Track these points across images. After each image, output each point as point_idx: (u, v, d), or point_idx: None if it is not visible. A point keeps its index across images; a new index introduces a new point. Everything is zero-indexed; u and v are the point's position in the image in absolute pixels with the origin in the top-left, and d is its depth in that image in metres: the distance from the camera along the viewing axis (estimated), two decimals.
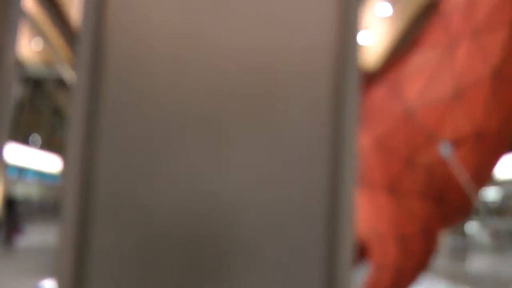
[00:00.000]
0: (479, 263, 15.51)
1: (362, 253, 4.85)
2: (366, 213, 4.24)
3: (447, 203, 4.31)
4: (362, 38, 1.64)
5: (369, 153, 4.21)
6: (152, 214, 1.13)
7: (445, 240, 16.49)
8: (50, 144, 35.62)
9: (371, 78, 4.65)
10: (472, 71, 4.20)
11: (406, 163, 4.16)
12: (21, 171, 31.65)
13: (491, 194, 32.88)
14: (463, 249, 16.12)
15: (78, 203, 1.15)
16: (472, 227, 29.06)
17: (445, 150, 4.09)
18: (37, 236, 16.15)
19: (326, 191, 1.14)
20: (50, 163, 32.11)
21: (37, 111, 46.47)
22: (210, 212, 1.12)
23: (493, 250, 21.29)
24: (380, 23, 35.04)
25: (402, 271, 4.14)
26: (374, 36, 35.83)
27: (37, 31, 35.82)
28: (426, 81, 4.29)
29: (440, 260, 16.10)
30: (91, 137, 1.19)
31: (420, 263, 4.16)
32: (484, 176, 4.51)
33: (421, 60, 4.42)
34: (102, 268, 1.11)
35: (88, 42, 1.25)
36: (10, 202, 15.62)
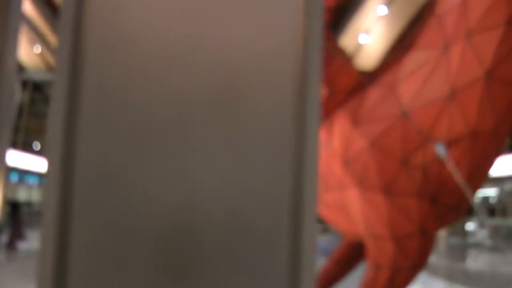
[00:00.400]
0: (478, 262, 15.51)
1: (360, 253, 4.88)
2: (363, 213, 4.25)
3: (443, 203, 4.31)
4: (322, 43, 1.60)
5: (365, 154, 4.22)
6: (128, 214, 1.17)
7: (444, 239, 16.48)
8: None
9: (368, 79, 4.67)
10: (466, 72, 4.21)
11: (401, 163, 4.17)
12: (22, 176, 31.58)
13: (490, 193, 32.89)
14: (462, 248, 16.10)
15: (59, 203, 1.20)
16: (471, 226, 29.08)
17: (440, 150, 4.11)
18: (38, 241, 16.10)
19: (290, 190, 1.19)
20: None
21: (37, 115, 46.42)
22: (182, 210, 1.16)
23: (493, 249, 21.30)
24: (376, 23, 34.84)
25: (399, 270, 4.15)
26: (371, 36, 35.64)
27: (37, 35, 35.71)
28: (421, 82, 4.30)
29: (439, 259, 16.14)
30: (70, 139, 1.23)
31: (416, 262, 4.17)
32: (479, 176, 4.52)
33: (417, 61, 4.43)
34: (82, 265, 1.15)
35: (67, 49, 1.30)
36: (14, 205, 15.61)
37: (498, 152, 4.58)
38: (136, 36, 1.31)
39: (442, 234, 16.22)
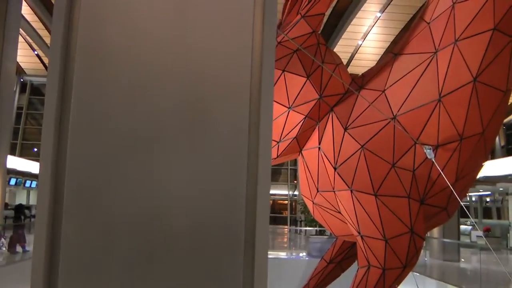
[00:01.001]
0: (472, 262, 15.58)
1: (352, 253, 4.96)
2: (354, 214, 4.33)
3: (432, 204, 4.40)
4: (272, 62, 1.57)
5: (356, 156, 4.31)
6: (110, 212, 1.46)
7: (438, 240, 16.53)
8: None
9: (360, 84, 4.75)
10: (455, 77, 4.30)
11: (392, 166, 4.27)
12: (23, 180, 31.52)
13: (485, 194, 32.91)
14: (456, 249, 16.15)
15: (51, 203, 1.47)
16: (466, 227, 29.11)
17: (429, 154, 4.20)
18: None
19: (245, 191, 1.48)
20: None
21: (36, 119, 46.34)
22: (153, 209, 1.44)
23: (487, 249, 21.36)
24: (373, 26, 34.67)
25: (389, 270, 4.23)
26: (367, 39, 35.56)
27: (36, 39, 35.67)
28: (410, 87, 4.39)
29: (433, 259, 16.25)
30: (60, 146, 1.52)
31: (406, 262, 4.25)
32: (468, 178, 4.62)
33: (406, 66, 4.52)
34: (70, 254, 1.43)
35: (58, 69, 1.58)
36: (18, 208, 15.62)
37: (486, 155, 4.68)
38: (120, 64, 1.57)
39: (435, 235, 16.27)
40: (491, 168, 28.09)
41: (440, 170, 4.21)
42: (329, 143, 4.48)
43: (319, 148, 4.56)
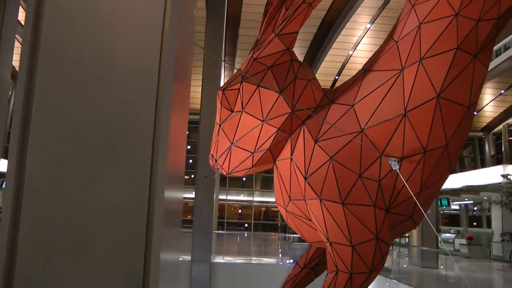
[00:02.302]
0: (452, 269, 15.80)
1: (325, 260, 5.14)
2: (324, 222, 4.52)
3: (398, 212, 4.60)
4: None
5: (326, 167, 4.50)
6: (57, 214, 2.06)
7: (417, 248, 16.76)
8: None
9: (331, 98, 4.95)
10: (420, 93, 4.51)
11: (359, 177, 4.47)
12: None
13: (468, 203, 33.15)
14: (435, 256, 16.39)
15: (13, 203, 2.09)
16: (449, 235, 29.34)
17: (394, 165, 4.41)
18: None
19: (146, 198, 2.14)
20: None
21: None
22: (85, 215, 2.08)
23: (467, 257, 21.63)
24: (363, 37, 34.93)
25: (356, 274, 4.42)
26: (358, 50, 35.81)
27: None
28: (378, 102, 4.59)
29: (412, 266, 16.48)
30: (22, 150, 2.14)
31: (372, 267, 4.45)
32: (432, 188, 4.83)
33: (374, 82, 4.72)
34: (27, 246, 2.04)
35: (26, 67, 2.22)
36: None
37: (451, 167, 4.89)
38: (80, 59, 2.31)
39: (415, 242, 16.52)
40: (475, 177, 28.41)
41: (405, 181, 4.42)
42: (300, 155, 4.67)
43: (291, 159, 4.75)
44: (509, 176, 21.73)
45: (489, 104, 47.54)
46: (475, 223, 34.80)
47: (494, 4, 4.63)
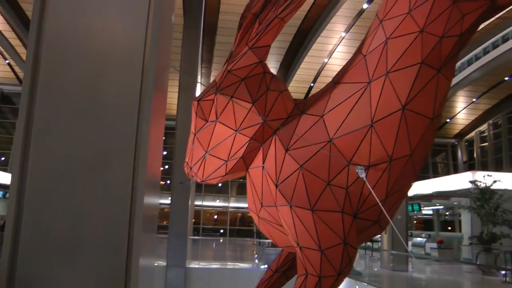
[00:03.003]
0: (423, 272, 16.09)
1: (293, 265, 5.30)
2: (293, 227, 4.66)
3: (364, 218, 4.78)
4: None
5: (296, 175, 4.66)
6: (52, 218, 2.54)
7: (389, 251, 17.03)
8: None
9: (302, 108, 5.12)
10: (386, 105, 4.70)
11: (328, 185, 4.64)
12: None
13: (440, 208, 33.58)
14: (405, 260, 16.68)
15: (15, 208, 2.57)
16: (421, 239, 29.72)
17: (361, 173, 4.60)
18: None
19: (129, 201, 2.60)
20: None
21: (6, 127, 45.62)
22: (74, 220, 2.62)
23: (437, 260, 21.99)
24: (338, 45, 35.28)
25: (325, 277, 4.57)
26: (333, 58, 36.11)
27: (8, 49, 35.22)
28: (346, 113, 4.77)
29: (383, 269, 16.73)
30: (24, 161, 2.68)
31: (340, 270, 4.61)
32: (397, 195, 5.01)
33: (343, 94, 4.90)
34: (27, 245, 2.57)
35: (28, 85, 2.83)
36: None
37: (415, 174, 5.09)
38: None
39: (385, 247, 16.81)
40: (445, 183, 28.91)
41: (371, 188, 4.60)
42: (272, 163, 4.82)
43: (263, 167, 4.90)
44: (477, 182, 22.14)
45: (461, 111, 48.34)
46: (449, 228, 35.35)
47: (457, 22, 4.83)
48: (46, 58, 2.71)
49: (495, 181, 21.14)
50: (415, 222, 47.65)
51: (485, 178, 21.58)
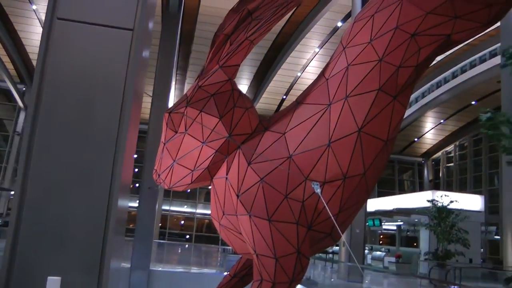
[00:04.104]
0: (376, 284, 16.47)
1: (250, 271, 5.55)
2: (252, 236, 4.89)
3: (318, 230, 5.04)
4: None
5: (256, 187, 4.91)
6: (48, 217, 3.32)
7: (345, 263, 17.41)
8: None
9: (266, 125, 5.40)
10: (343, 127, 4.98)
11: (285, 198, 4.90)
12: None
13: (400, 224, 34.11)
14: (360, 271, 17.06)
15: (17, 209, 3.37)
16: (380, 253, 30.18)
17: (316, 188, 4.89)
18: None
19: (105, 208, 3.50)
20: None
21: None
22: (60, 218, 3.53)
23: (395, 273, 22.49)
24: (311, 60, 35.62)
25: (278, 284, 4.80)
26: (306, 72, 36.40)
27: None
28: (306, 132, 5.05)
29: (339, 280, 17.10)
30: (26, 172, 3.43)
31: (293, 277, 4.86)
32: (350, 210, 5.31)
33: (305, 114, 5.19)
34: (26, 240, 3.29)
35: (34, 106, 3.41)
36: None
37: (367, 192, 5.39)
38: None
39: (342, 259, 17.20)
40: (406, 201, 29.51)
41: (325, 203, 4.89)
42: (234, 175, 5.08)
43: (226, 178, 5.15)
44: (434, 202, 22.70)
45: (429, 131, 49.23)
46: (415, 243, 36.00)
47: (414, 54, 5.15)
48: (47, 89, 3.69)
49: (452, 201, 21.78)
50: (381, 236, 48.24)
51: (443, 198, 22.20)
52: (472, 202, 29.31)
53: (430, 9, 5.22)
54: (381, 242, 47.36)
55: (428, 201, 22.71)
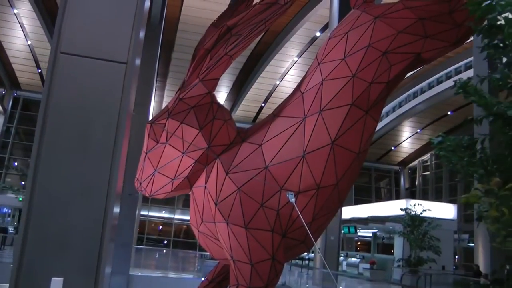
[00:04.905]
0: None
1: (227, 276, 5.72)
2: (229, 242, 5.06)
3: (292, 238, 5.24)
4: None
5: (233, 196, 5.10)
6: (51, 225, 3.91)
7: (318, 269, 17.63)
8: None
9: (243, 137, 5.59)
10: (317, 139, 5.20)
11: (261, 206, 5.09)
12: None
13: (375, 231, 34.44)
14: (335, 278, 17.29)
15: (25, 218, 3.94)
16: (355, 259, 30.50)
17: (290, 198, 5.09)
18: None
19: (102, 217, 4.09)
20: None
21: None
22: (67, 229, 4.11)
23: (369, 280, 22.82)
24: (290, 69, 35.88)
25: None
26: (285, 80, 36.64)
27: None
28: (282, 144, 5.25)
29: (314, 286, 17.36)
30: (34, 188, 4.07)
31: (268, 282, 5.04)
32: (324, 219, 5.53)
33: (280, 126, 5.40)
34: (33, 246, 3.91)
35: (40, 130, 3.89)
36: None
37: (340, 201, 5.62)
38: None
39: (317, 265, 17.44)
40: (380, 209, 29.93)
41: (299, 212, 5.10)
42: (213, 184, 5.26)
43: (205, 187, 5.33)
44: (408, 210, 23.10)
45: (406, 140, 49.79)
46: (392, 250, 36.31)
47: (385, 71, 5.42)
48: (52, 114, 4.34)
49: (424, 210, 22.21)
50: (358, 243, 48.63)
51: (416, 206, 22.63)
52: (445, 210, 29.84)
53: (402, 28, 5.48)
54: (358, 249, 47.71)
55: (402, 209, 23.13)
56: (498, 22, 4.94)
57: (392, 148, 51.55)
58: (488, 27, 5.07)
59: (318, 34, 33.07)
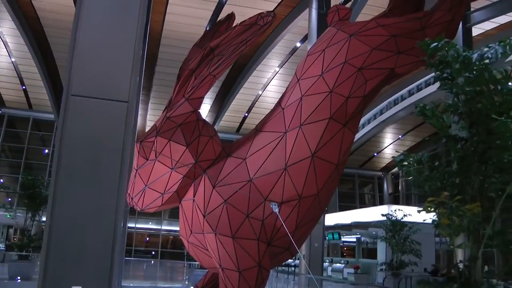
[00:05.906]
0: None
1: (216, 283, 5.92)
2: (217, 251, 5.24)
3: (277, 245, 5.44)
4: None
5: (220, 208, 5.30)
6: (66, 239, 4.83)
7: (304, 275, 17.82)
8: None
9: (228, 151, 5.82)
10: (298, 152, 5.43)
11: (247, 217, 5.30)
12: None
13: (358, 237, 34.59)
14: (319, 283, 17.50)
15: (48, 233, 4.71)
16: (339, 265, 30.74)
17: (274, 208, 5.32)
18: None
19: (112, 226, 5.06)
20: None
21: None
22: (83, 240, 5.02)
23: (353, 284, 23.11)
24: (272, 79, 36.08)
25: None
26: (267, 90, 36.80)
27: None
28: (265, 157, 5.47)
29: None
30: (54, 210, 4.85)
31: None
32: (307, 227, 5.76)
33: (263, 140, 5.62)
34: (54, 255, 4.69)
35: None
36: None
37: (321, 210, 5.85)
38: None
39: (302, 271, 17.64)
40: (363, 215, 30.20)
41: (282, 221, 5.33)
42: (201, 197, 5.46)
43: (193, 200, 5.53)
44: (389, 216, 23.38)
45: (388, 146, 50.12)
46: (377, 255, 36.58)
47: (361, 86, 5.65)
48: (65, 149, 5.23)
49: (405, 215, 22.55)
50: (344, 248, 48.84)
51: (396, 212, 22.96)
52: (427, 215, 30.06)
53: (375, 45, 5.73)
54: (344, 254, 47.90)
55: (383, 215, 23.44)
56: (447, 59, 5.32)
57: (375, 154, 51.87)
58: (439, 62, 5.45)
59: (298, 44, 33.39)
